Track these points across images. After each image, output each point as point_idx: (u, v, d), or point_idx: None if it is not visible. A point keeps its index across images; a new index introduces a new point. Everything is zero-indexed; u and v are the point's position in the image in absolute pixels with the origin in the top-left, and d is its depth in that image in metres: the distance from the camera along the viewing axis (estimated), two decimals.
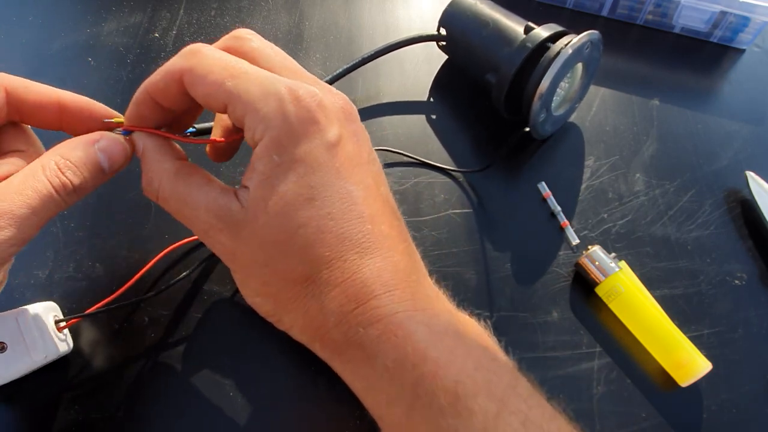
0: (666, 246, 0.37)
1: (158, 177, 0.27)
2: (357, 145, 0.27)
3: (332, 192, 0.25)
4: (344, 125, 0.26)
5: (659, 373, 0.32)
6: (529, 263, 0.36)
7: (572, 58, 0.36)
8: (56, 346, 0.29)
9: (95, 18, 0.46)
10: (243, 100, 0.25)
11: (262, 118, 0.24)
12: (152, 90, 0.26)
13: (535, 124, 0.38)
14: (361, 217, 0.25)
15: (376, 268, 0.25)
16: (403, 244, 0.27)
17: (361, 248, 0.25)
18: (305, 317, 0.26)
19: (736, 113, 0.44)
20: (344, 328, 0.25)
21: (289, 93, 0.25)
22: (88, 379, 0.31)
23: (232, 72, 0.25)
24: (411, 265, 0.27)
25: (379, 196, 0.27)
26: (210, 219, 0.26)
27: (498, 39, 0.39)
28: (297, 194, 0.25)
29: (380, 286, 0.25)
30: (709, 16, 0.46)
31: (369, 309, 0.24)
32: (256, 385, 0.31)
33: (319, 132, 0.25)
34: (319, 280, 0.25)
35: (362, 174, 0.26)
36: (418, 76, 0.44)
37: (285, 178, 0.25)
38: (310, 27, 0.47)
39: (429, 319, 0.25)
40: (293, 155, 0.25)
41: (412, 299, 0.25)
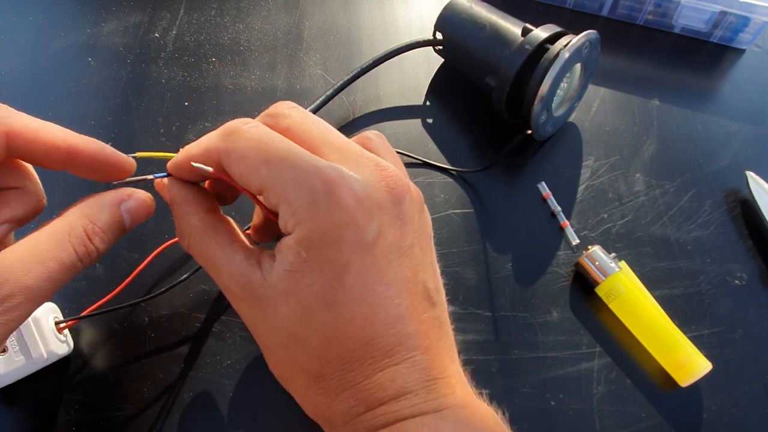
0: (666, 246, 0.37)
1: (187, 232, 0.26)
2: (400, 230, 0.25)
3: (358, 295, 0.23)
4: (388, 211, 0.24)
5: (659, 373, 0.32)
6: (529, 263, 0.36)
7: (572, 59, 0.36)
8: (56, 348, 0.29)
9: (95, 18, 0.46)
10: (276, 191, 0.23)
11: (294, 212, 0.23)
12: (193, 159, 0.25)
13: (537, 125, 0.37)
14: (387, 319, 0.24)
15: (391, 372, 0.24)
16: (431, 334, 0.25)
17: (380, 352, 0.24)
18: (314, 407, 0.25)
19: (736, 113, 0.44)
20: (352, 428, 0.24)
21: (323, 187, 0.23)
22: (88, 379, 0.31)
23: (267, 157, 0.23)
24: (434, 359, 0.25)
25: (415, 286, 0.25)
26: (231, 286, 0.25)
27: (495, 41, 0.39)
28: (320, 297, 0.23)
29: (393, 392, 0.23)
30: (709, 16, 0.46)
31: (378, 414, 0.23)
32: (257, 386, 0.31)
33: (354, 230, 0.23)
34: (331, 380, 0.24)
35: (399, 266, 0.24)
36: (416, 80, 0.44)
37: (310, 277, 0.23)
38: (310, 27, 0.47)
39: (437, 422, 0.23)
40: (322, 255, 0.23)
41: (425, 401, 0.23)
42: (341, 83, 0.40)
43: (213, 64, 0.44)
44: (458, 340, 0.33)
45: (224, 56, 0.45)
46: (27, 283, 0.22)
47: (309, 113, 0.26)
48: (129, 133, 0.40)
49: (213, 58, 0.45)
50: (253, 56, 0.45)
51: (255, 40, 0.46)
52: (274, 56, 0.45)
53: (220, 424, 0.30)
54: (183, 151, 0.26)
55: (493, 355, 0.33)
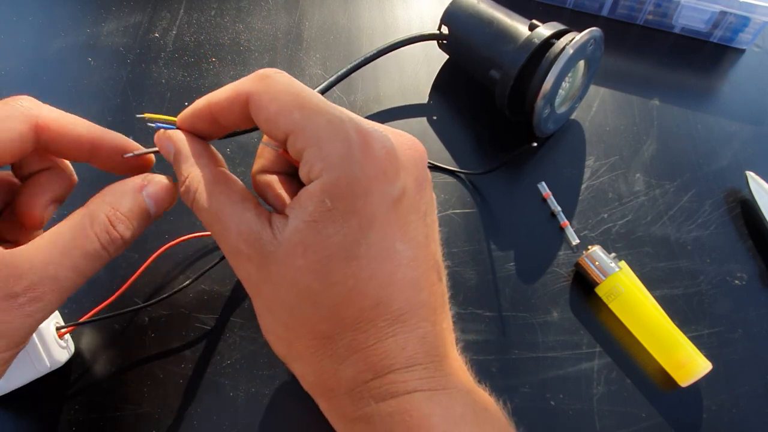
0: (666, 246, 0.37)
1: (195, 183, 0.24)
2: (419, 194, 0.25)
3: (380, 252, 0.23)
4: (411, 174, 0.24)
5: (659, 373, 0.32)
6: (529, 263, 0.36)
7: (576, 54, 0.36)
8: (58, 355, 0.29)
9: (95, 18, 0.46)
10: (307, 134, 0.22)
11: (324, 156, 0.22)
12: (215, 106, 0.25)
13: (539, 120, 0.38)
14: (403, 281, 0.23)
15: (403, 338, 0.23)
16: (438, 311, 0.25)
17: (394, 315, 0.23)
18: (317, 373, 0.24)
19: (736, 113, 0.44)
20: (356, 397, 0.23)
21: (358, 136, 0.23)
22: (88, 379, 0.31)
23: (301, 102, 0.23)
24: (440, 337, 0.24)
25: (429, 255, 0.25)
26: (239, 243, 0.23)
27: (501, 37, 0.39)
28: (342, 248, 0.22)
29: (403, 360, 0.23)
30: (709, 16, 0.46)
31: (386, 383, 0.23)
32: (257, 385, 0.31)
33: (383, 183, 0.23)
34: (341, 341, 0.23)
35: (417, 229, 0.24)
36: (418, 78, 0.44)
37: (334, 227, 0.22)
38: (310, 27, 0.47)
39: (448, 400, 0.23)
40: (349, 205, 0.22)
41: (432, 377, 0.23)
42: (345, 70, 0.40)
43: (213, 64, 0.44)
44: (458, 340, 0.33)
45: (224, 56, 0.45)
46: (50, 272, 0.22)
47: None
48: (129, 133, 0.40)
49: (213, 58, 0.45)
50: (253, 56, 0.45)
51: (255, 40, 0.46)
52: (274, 56, 0.45)
53: (220, 423, 0.30)
54: (202, 99, 0.25)
55: (493, 355, 0.33)
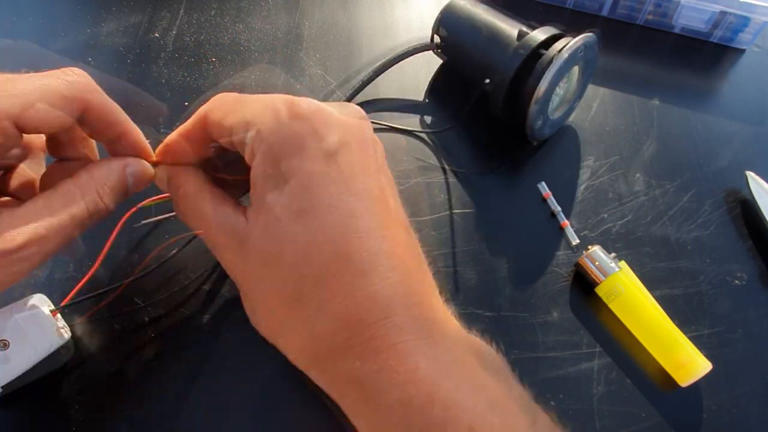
0: (666, 246, 0.37)
1: (183, 199, 0.28)
2: (363, 153, 0.25)
3: (327, 204, 0.23)
4: (349, 132, 0.25)
5: (659, 373, 0.32)
6: (529, 263, 0.36)
7: (567, 63, 0.35)
8: (57, 334, 0.30)
9: (95, 18, 0.46)
10: (245, 120, 0.25)
11: (258, 131, 0.24)
12: (183, 133, 0.28)
13: (533, 128, 0.37)
14: (357, 231, 0.23)
15: (372, 291, 0.23)
16: (410, 261, 0.25)
17: (356, 268, 0.23)
18: (297, 342, 0.25)
19: (736, 113, 0.44)
20: (340, 359, 0.23)
21: (286, 104, 0.25)
22: (88, 379, 0.31)
23: (242, 99, 0.26)
24: (415, 285, 0.24)
25: (386, 207, 0.25)
26: (218, 236, 0.26)
27: (493, 44, 0.38)
28: (287, 207, 0.24)
29: (376, 312, 0.23)
30: (709, 16, 0.46)
31: (365, 339, 0.22)
32: (258, 385, 0.31)
33: (315, 140, 0.24)
34: (309, 302, 0.23)
35: (366, 183, 0.25)
36: (416, 79, 0.44)
37: (276, 190, 0.24)
38: (310, 27, 0.47)
39: (433, 350, 0.23)
40: (285, 166, 0.24)
41: (413, 326, 0.23)
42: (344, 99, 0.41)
43: (213, 64, 0.44)
44: None
45: (224, 56, 0.45)
46: (40, 232, 0.23)
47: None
48: None
49: (213, 58, 0.45)
50: (253, 56, 0.45)
51: (255, 40, 0.46)
52: (273, 56, 0.45)
53: (221, 423, 0.30)
54: (173, 133, 0.28)
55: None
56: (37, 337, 0.29)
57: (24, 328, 0.28)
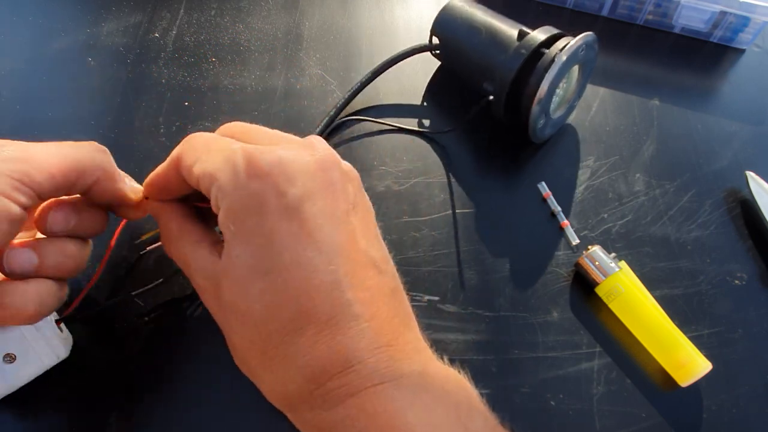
0: (666, 246, 0.37)
1: (167, 239, 0.28)
2: (329, 198, 0.25)
3: (289, 262, 0.23)
4: (313, 179, 0.25)
5: (659, 373, 0.32)
6: (529, 263, 0.36)
7: (568, 62, 0.35)
8: (63, 346, 0.30)
9: (95, 18, 0.46)
10: (208, 172, 0.25)
11: (220, 186, 0.24)
12: (161, 174, 0.28)
13: (535, 128, 0.37)
14: (321, 286, 0.23)
15: (335, 342, 0.23)
16: (379, 302, 0.25)
17: (319, 322, 0.23)
18: (270, 389, 0.25)
19: (736, 113, 0.44)
20: (308, 408, 0.24)
21: (244, 159, 0.24)
22: (87, 379, 0.31)
23: (208, 146, 0.26)
24: (383, 327, 0.24)
25: (354, 252, 0.25)
26: (198, 279, 0.26)
27: (492, 46, 0.38)
28: (250, 267, 0.24)
29: (340, 364, 0.23)
30: (709, 16, 0.46)
31: (329, 390, 0.23)
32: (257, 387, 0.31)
33: (276, 196, 0.24)
34: (275, 357, 0.24)
35: (331, 233, 0.24)
36: (414, 80, 0.44)
37: (240, 249, 0.24)
38: (310, 27, 0.47)
39: (395, 392, 0.23)
40: (246, 225, 0.24)
41: (375, 370, 0.23)
42: (342, 102, 0.41)
43: (213, 64, 0.44)
44: (458, 340, 0.33)
45: (224, 56, 0.45)
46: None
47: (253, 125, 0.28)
48: (129, 133, 0.40)
49: (213, 58, 0.45)
50: (253, 56, 0.45)
51: (255, 40, 0.46)
52: (273, 56, 0.45)
53: (221, 423, 0.30)
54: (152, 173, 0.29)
55: (493, 355, 0.33)
56: (44, 350, 0.29)
57: (30, 341, 0.28)
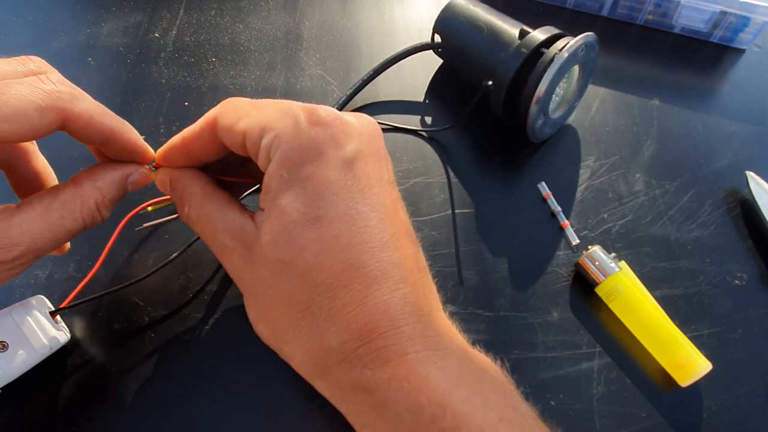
0: (666, 246, 0.37)
1: (189, 200, 0.27)
2: (377, 164, 0.25)
3: (342, 212, 0.23)
4: (365, 142, 0.25)
5: (659, 373, 0.32)
6: (529, 263, 0.36)
7: (567, 62, 0.35)
8: (56, 336, 0.30)
9: (95, 18, 0.46)
10: (261, 124, 0.24)
11: (275, 136, 0.24)
12: (188, 136, 0.27)
13: (533, 128, 0.37)
14: (371, 242, 0.23)
15: (382, 300, 0.23)
16: (417, 274, 0.25)
17: (368, 277, 0.23)
18: (304, 350, 0.24)
19: (736, 113, 0.44)
20: (348, 367, 0.23)
21: (305, 111, 0.25)
22: (87, 378, 0.31)
23: (257, 103, 0.26)
24: (422, 297, 0.24)
25: (397, 219, 0.25)
26: (225, 239, 0.25)
27: (493, 44, 0.38)
28: (302, 213, 0.23)
29: (387, 322, 0.23)
30: (709, 16, 0.46)
31: (375, 348, 0.22)
32: (257, 386, 0.31)
33: (334, 147, 0.24)
34: (319, 310, 0.23)
35: (380, 194, 0.25)
36: (415, 78, 0.44)
37: (291, 195, 0.24)
38: (310, 27, 0.47)
39: (443, 361, 0.23)
40: (303, 172, 0.24)
41: (422, 337, 0.23)
42: (344, 99, 0.41)
43: (213, 64, 0.44)
44: None
45: (224, 56, 0.45)
46: (37, 245, 0.24)
47: None
48: None
49: (213, 58, 0.45)
50: (252, 56, 0.45)
51: (255, 40, 0.46)
52: (273, 56, 0.45)
53: (221, 424, 0.30)
54: (177, 135, 0.28)
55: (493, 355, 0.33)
56: (36, 339, 0.29)
57: (23, 330, 0.28)
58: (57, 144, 0.29)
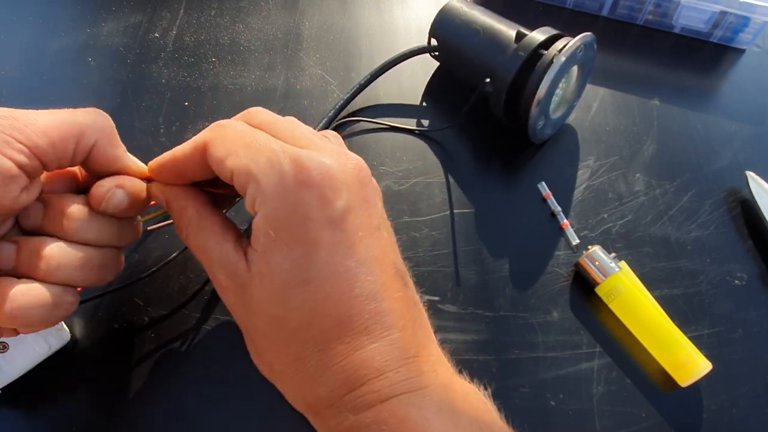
0: (666, 246, 0.37)
1: (185, 225, 0.27)
2: (367, 212, 0.26)
3: (331, 272, 0.24)
4: (354, 193, 0.25)
5: (659, 373, 0.32)
6: (528, 263, 0.36)
7: (567, 63, 0.35)
8: (56, 337, 0.30)
9: (95, 18, 0.46)
10: (247, 170, 0.24)
11: (261, 190, 0.24)
12: (179, 157, 0.27)
13: (534, 129, 0.37)
14: (360, 296, 0.24)
15: (370, 349, 0.24)
16: (406, 313, 0.26)
17: (358, 330, 0.24)
18: (298, 393, 0.25)
19: (736, 113, 0.44)
20: (335, 411, 0.24)
21: (293, 167, 0.24)
22: (88, 378, 0.31)
23: (246, 141, 0.25)
24: (410, 338, 0.25)
25: (387, 265, 0.26)
26: (219, 274, 0.26)
27: (490, 47, 0.38)
28: (292, 275, 0.24)
29: (374, 370, 0.24)
30: (709, 16, 0.46)
31: (360, 395, 0.23)
32: (257, 386, 0.31)
33: (322, 208, 0.24)
34: (310, 361, 0.24)
35: (369, 245, 0.25)
36: (413, 81, 0.44)
37: (280, 256, 0.24)
38: (310, 27, 0.47)
39: (421, 400, 0.24)
40: (290, 233, 0.24)
41: (405, 380, 0.24)
42: (341, 102, 0.41)
43: (213, 64, 0.44)
44: (458, 340, 0.33)
45: (224, 56, 0.45)
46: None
47: (276, 114, 0.28)
48: (129, 133, 0.40)
49: (213, 58, 0.45)
50: (252, 56, 0.45)
51: (255, 40, 0.46)
52: (273, 56, 0.45)
53: (221, 424, 0.30)
54: (167, 153, 0.27)
55: (492, 355, 0.33)
56: (36, 340, 0.29)
57: None
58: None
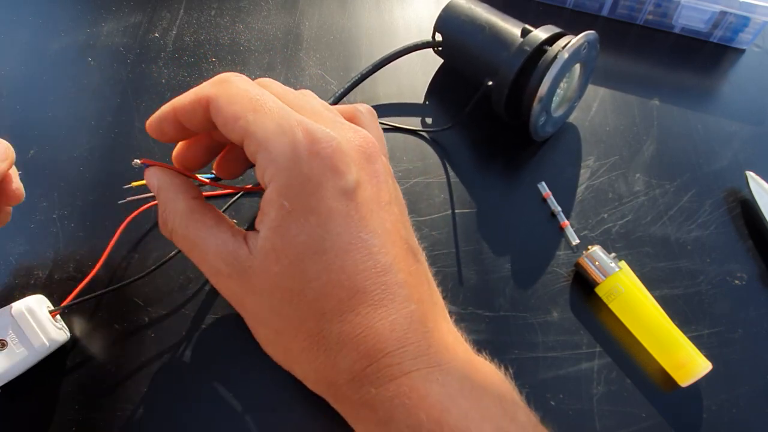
0: (666, 246, 0.37)
1: (172, 217, 0.26)
2: (376, 187, 0.26)
3: (345, 243, 0.24)
4: (364, 167, 0.25)
5: (659, 373, 0.32)
6: (528, 263, 0.36)
7: (570, 60, 0.36)
8: (56, 335, 0.30)
9: (95, 18, 0.46)
10: (258, 137, 0.24)
11: (274, 159, 0.23)
12: (179, 109, 0.26)
13: (536, 124, 0.37)
14: (375, 267, 0.24)
15: (389, 321, 0.24)
16: (421, 288, 0.26)
17: (375, 301, 0.24)
18: (317, 371, 0.25)
19: (736, 113, 0.44)
20: (356, 386, 0.24)
21: (305, 135, 0.24)
22: (87, 378, 0.31)
23: (255, 105, 0.24)
24: (428, 312, 0.25)
25: (399, 239, 0.26)
26: (218, 264, 0.25)
27: (495, 43, 0.38)
28: (308, 246, 0.24)
29: (393, 342, 0.23)
30: (709, 16, 0.46)
31: (381, 368, 0.23)
32: (257, 385, 0.31)
33: (334, 179, 0.24)
34: (330, 335, 0.24)
35: (380, 219, 0.25)
36: (414, 79, 0.44)
37: (296, 227, 0.24)
38: (310, 27, 0.47)
39: (444, 377, 0.23)
40: (305, 204, 0.24)
41: (426, 354, 0.24)
42: (341, 91, 0.41)
43: (213, 64, 0.44)
44: None
45: (224, 56, 0.45)
46: None
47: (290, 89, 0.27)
48: (129, 133, 0.40)
49: (213, 58, 0.45)
50: (252, 56, 0.45)
51: (255, 40, 0.46)
52: (273, 56, 0.45)
53: (221, 424, 0.30)
54: (167, 104, 0.27)
55: (493, 355, 0.33)
56: (36, 338, 0.29)
57: (22, 329, 0.29)
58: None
